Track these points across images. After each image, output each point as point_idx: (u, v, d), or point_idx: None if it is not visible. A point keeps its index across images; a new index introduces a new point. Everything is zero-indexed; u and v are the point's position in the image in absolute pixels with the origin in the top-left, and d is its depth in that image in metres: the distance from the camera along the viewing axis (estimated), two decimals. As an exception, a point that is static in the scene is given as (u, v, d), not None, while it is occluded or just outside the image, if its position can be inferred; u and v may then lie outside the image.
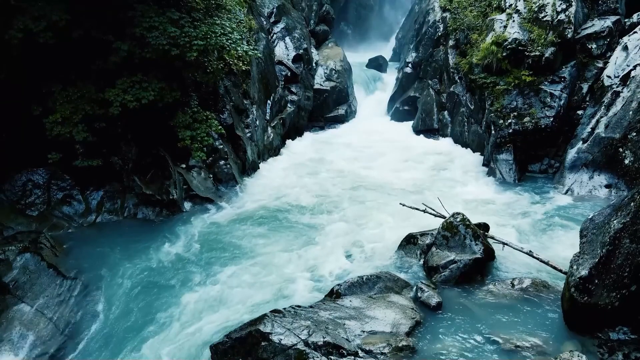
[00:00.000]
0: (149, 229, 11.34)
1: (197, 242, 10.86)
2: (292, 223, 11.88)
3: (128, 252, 10.28)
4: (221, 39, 11.26)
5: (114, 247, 10.46)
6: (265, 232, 11.41)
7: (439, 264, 8.89)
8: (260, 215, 12.30)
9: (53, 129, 10.54)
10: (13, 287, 9.00)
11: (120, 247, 10.47)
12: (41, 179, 11.29)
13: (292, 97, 19.99)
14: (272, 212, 12.48)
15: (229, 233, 11.32)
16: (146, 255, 10.21)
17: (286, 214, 12.38)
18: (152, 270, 9.73)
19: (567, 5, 14.60)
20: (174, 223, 11.65)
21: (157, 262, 10.01)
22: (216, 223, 11.83)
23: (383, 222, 11.60)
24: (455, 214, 9.59)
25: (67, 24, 10.20)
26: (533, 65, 14.75)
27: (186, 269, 9.79)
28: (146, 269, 9.77)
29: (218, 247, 10.69)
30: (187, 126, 11.86)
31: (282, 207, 12.85)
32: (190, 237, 11.05)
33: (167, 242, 10.73)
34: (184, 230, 11.30)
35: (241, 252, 10.48)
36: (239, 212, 12.47)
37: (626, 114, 13.01)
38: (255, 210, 12.55)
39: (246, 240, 10.96)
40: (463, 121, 18.47)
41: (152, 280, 9.41)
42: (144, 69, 11.20)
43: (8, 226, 10.54)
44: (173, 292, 9.09)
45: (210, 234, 11.25)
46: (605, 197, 12.94)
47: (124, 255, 10.18)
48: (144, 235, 11.05)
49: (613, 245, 6.75)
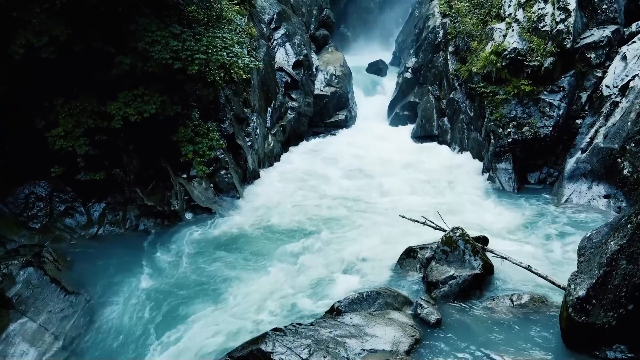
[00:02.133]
0: (150, 241, 11.42)
1: (198, 256, 10.94)
2: (291, 236, 11.92)
3: (130, 266, 10.37)
4: (222, 53, 11.34)
5: (116, 260, 10.55)
6: (264, 246, 11.47)
7: (439, 279, 8.97)
8: (260, 228, 12.37)
9: (55, 143, 10.63)
10: (16, 301, 9.07)
11: (122, 261, 10.56)
12: (43, 191, 11.39)
13: (293, 104, 20.06)
14: (271, 225, 12.54)
15: (229, 246, 11.40)
16: (148, 269, 10.30)
17: (285, 227, 12.44)
18: (154, 285, 9.81)
19: (566, 16, 14.66)
20: (175, 235, 11.74)
21: (158, 276, 10.09)
22: (217, 235, 11.90)
23: (383, 234, 11.66)
24: (454, 229, 9.67)
25: (69, 38, 10.28)
26: (532, 74, 14.83)
27: (188, 284, 9.86)
28: (148, 283, 9.85)
29: (218, 261, 10.75)
30: (189, 140, 11.95)
31: (281, 219, 12.89)
32: (191, 251, 11.13)
33: (168, 256, 10.81)
34: (185, 244, 11.38)
35: (242, 266, 10.54)
36: (239, 224, 12.54)
37: (625, 125, 13.09)
38: (256, 222, 12.63)
39: (246, 254, 11.04)
40: (463, 128, 18.54)
41: (154, 296, 9.47)
42: (145, 81, 11.28)
43: (11, 239, 10.64)
44: (175, 307, 9.16)
45: (211, 247, 11.32)
46: (604, 207, 13.03)
47: (125, 269, 10.27)
48: (146, 247, 11.14)
49: (610, 266, 6.83)
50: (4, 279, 9.35)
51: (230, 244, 11.56)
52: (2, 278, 9.35)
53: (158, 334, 8.52)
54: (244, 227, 12.42)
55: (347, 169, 17.01)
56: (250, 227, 12.43)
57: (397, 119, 23.18)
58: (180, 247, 11.27)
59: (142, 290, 9.63)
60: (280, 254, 11.09)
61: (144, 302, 9.32)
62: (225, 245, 11.49)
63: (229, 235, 11.96)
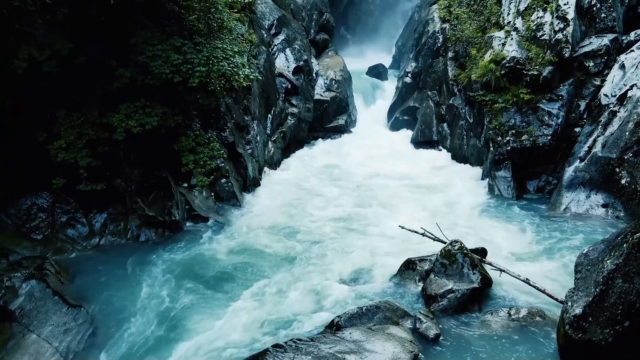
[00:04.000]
0: (151, 252, 11.47)
1: (198, 268, 10.98)
2: (290, 247, 11.95)
3: (131, 278, 10.42)
4: (223, 64, 11.41)
5: (118, 272, 10.61)
6: (264, 258, 11.50)
7: (437, 293, 9.06)
8: (260, 238, 12.38)
9: (57, 155, 10.69)
10: (19, 314, 9.14)
11: (123, 272, 10.63)
12: (45, 202, 11.45)
13: (293, 110, 20.13)
14: (271, 235, 12.57)
15: (229, 257, 11.44)
16: (149, 281, 10.34)
17: (285, 238, 12.46)
18: (156, 298, 9.85)
19: (564, 25, 14.73)
20: (176, 245, 11.79)
21: (159, 288, 10.13)
22: (217, 246, 11.92)
23: (382, 245, 11.75)
24: (453, 242, 9.76)
25: (71, 52, 10.35)
26: (531, 83, 14.91)
27: (189, 296, 9.91)
28: (149, 295, 9.90)
29: (219, 273, 10.80)
30: (191, 150, 12.02)
31: (280, 230, 12.94)
32: (191, 263, 11.15)
33: (169, 267, 10.83)
34: (186, 254, 11.43)
35: (241, 278, 10.59)
36: (239, 234, 12.58)
37: (623, 134, 13.17)
38: (255, 233, 12.65)
39: (246, 266, 11.07)
40: (462, 134, 18.62)
41: (156, 309, 9.52)
42: (147, 93, 11.35)
43: (13, 250, 10.71)
44: (175, 321, 9.21)
45: (211, 259, 11.37)
46: (603, 216, 13.11)
47: (127, 281, 10.33)
48: (147, 258, 11.18)
49: (606, 285, 6.92)
50: (6, 292, 9.42)
51: (229, 256, 11.58)
52: (4, 291, 9.41)
53: (160, 349, 8.58)
54: (243, 238, 12.45)
55: (346, 177, 17.05)
56: (250, 238, 12.47)
57: (397, 123, 23.29)
58: (181, 258, 11.30)
59: (143, 303, 9.67)
60: (279, 266, 11.15)
61: (146, 315, 9.37)
62: (224, 258, 11.49)
63: (227, 248, 11.94)
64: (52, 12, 10.22)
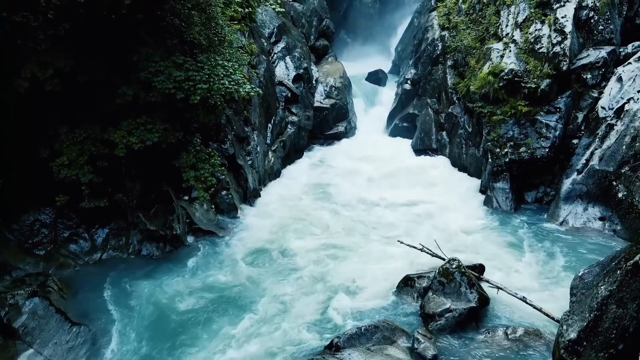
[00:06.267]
0: (153, 267, 11.59)
1: (199, 283, 11.12)
2: (289, 264, 12.05)
3: (133, 295, 10.54)
4: (224, 81, 11.50)
5: (119, 288, 10.73)
6: (263, 274, 11.61)
7: (435, 312, 9.19)
8: (259, 254, 12.50)
9: (60, 172, 10.81)
10: (22, 332, 9.29)
11: (125, 288, 10.75)
12: (48, 218, 11.57)
13: (293, 118, 20.20)
14: (270, 251, 12.66)
15: (229, 273, 11.54)
16: (151, 297, 10.45)
17: (284, 253, 12.55)
18: (158, 314, 9.98)
19: (562, 38, 14.83)
20: (177, 260, 11.90)
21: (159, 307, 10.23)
22: (217, 261, 12.03)
23: (381, 261, 11.85)
24: (451, 260, 9.88)
25: (73, 70, 10.45)
26: (529, 95, 15.02)
27: (190, 314, 10.03)
28: (152, 313, 10.02)
29: (220, 290, 10.89)
30: (191, 166, 12.13)
31: (279, 243, 13.02)
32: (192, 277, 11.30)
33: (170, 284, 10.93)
34: (186, 270, 11.54)
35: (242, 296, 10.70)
36: (239, 248, 12.65)
37: (620, 148, 13.29)
38: (255, 247, 12.74)
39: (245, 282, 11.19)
40: (461, 143, 18.70)
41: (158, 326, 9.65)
42: (148, 110, 11.45)
43: (16, 266, 10.85)
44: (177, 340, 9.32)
45: (212, 274, 11.48)
46: (600, 229, 13.24)
47: (128, 297, 10.45)
48: (148, 273, 11.30)
49: (600, 310, 7.04)
50: (10, 309, 9.57)
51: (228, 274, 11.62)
52: (8, 308, 9.58)
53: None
54: (243, 253, 12.54)
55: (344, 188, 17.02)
56: (249, 253, 12.56)
57: (397, 130, 23.33)
58: (182, 275, 11.41)
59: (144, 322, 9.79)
60: (278, 281, 11.27)
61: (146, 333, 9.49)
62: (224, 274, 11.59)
63: (227, 264, 12.03)
64: (54, 26, 10.29)
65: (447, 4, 21.77)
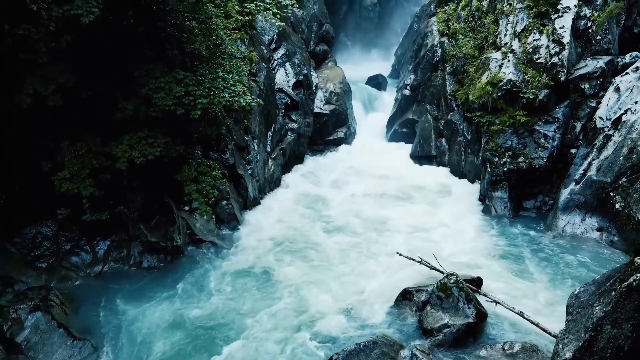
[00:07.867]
0: (154, 279, 11.70)
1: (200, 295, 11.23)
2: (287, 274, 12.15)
3: (134, 309, 10.63)
4: (224, 95, 11.59)
5: (121, 301, 10.84)
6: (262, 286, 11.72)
7: (434, 327, 9.29)
8: (259, 265, 12.60)
9: (62, 186, 10.90)
10: (25, 347, 9.38)
11: (126, 301, 10.85)
12: (50, 230, 11.67)
13: (293, 125, 20.27)
14: (269, 262, 12.76)
15: (229, 285, 11.65)
16: (152, 311, 10.56)
17: (281, 263, 12.67)
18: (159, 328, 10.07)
19: (560, 49, 14.91)
20: (177, 271, 12.02)
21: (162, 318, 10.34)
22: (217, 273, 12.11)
23: (379, 274, 11.93)
24: (449, 275, 9.97)
25: (75, 85, 10.53)
26: (527, 105, 15.11)
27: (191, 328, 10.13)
28: (153, 326, 10.11)
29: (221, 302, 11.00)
30: (193, 180, 12.20)
31: (278, 255, 13.13)
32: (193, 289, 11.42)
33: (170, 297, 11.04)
34: (187, 281, 11.67)
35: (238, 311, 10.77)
36: (239, 259, 12.78)
37: (617, 159, 13.37)
38: (254, 258, 12.84)
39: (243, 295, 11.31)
40: (460, 150, 18.80)
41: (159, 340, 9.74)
42: (149, 124, 11.53)
43: (19, 279, 10.93)
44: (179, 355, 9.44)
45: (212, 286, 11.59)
46: (597, 239, 13.33)
47: (130, 311, 10.54)
48: (149, 285, 11.42)
49: (596, 331, 7.14)
50: (13, 324, 9.67)
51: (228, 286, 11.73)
52: (11, 323, 9.67)
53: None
54: (243, 264, 12.65)
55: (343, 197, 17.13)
56: (249, 263, 12.66)
57: (396, 135, 23.43)
58: (182, 287, 11.51)
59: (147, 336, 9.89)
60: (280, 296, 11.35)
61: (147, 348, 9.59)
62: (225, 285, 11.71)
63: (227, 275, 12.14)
64: (56, 39, 10.35)
65: (447, 11, 21.84)
